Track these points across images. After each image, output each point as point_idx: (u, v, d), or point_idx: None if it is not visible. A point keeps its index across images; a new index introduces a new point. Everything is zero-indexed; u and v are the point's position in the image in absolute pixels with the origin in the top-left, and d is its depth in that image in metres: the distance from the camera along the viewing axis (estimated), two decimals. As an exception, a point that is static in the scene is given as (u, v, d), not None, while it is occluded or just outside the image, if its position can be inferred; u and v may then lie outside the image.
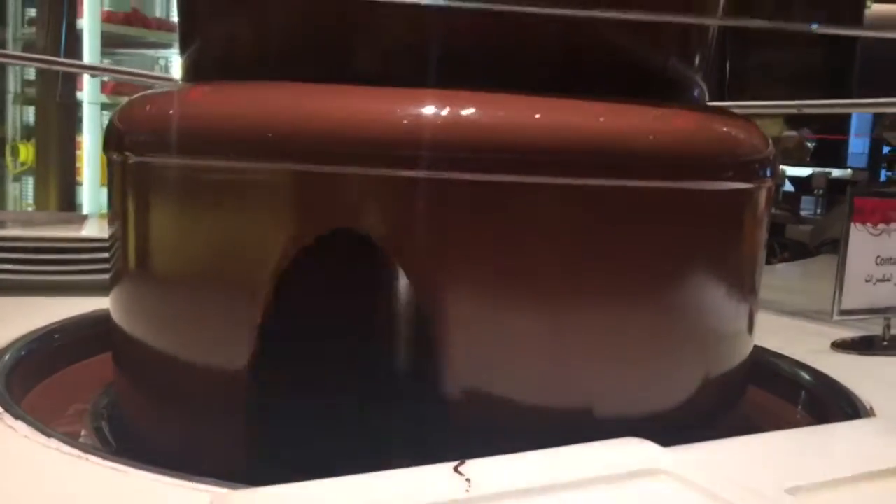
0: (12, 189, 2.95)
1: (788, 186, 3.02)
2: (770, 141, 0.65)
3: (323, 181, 0.53)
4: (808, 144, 3.06)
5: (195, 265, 0.59)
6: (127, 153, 0.61)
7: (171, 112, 0.59)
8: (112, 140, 0.63)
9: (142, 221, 0.62)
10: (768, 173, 0.62)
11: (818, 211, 2.88)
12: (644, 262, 0.56)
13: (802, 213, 2.85)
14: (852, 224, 0.83)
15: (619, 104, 0.55)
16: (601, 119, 0.54)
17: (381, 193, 0.53)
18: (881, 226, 0.86)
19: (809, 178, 2.92)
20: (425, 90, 0.53)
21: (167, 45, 2.80)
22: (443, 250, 0.53)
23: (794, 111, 1.15)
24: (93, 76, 1.71)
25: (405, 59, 0.57)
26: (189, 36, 0.69)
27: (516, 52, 0.57)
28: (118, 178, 0.64)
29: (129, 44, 2.68)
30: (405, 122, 0.52)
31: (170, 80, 1.28)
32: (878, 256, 0.86)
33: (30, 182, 2.80)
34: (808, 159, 3.12)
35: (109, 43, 2.54)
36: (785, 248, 2.41)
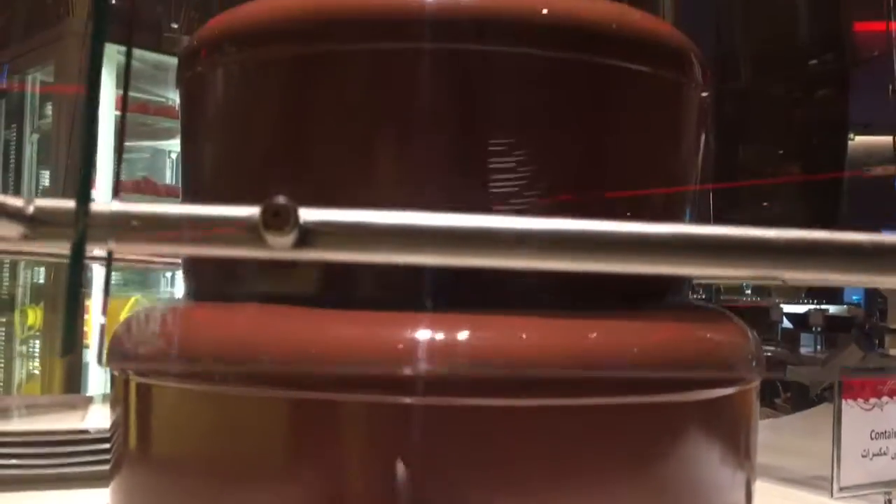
0: (20, 349, 2.96)
1: (786, 323, 3.04)
2: (753, 336, 0.67)
3: (320, 408, 0.55)
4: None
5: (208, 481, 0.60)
6: (129, 372, 0.64)
7: (173, 336, 0.62)
8: (114, 357, 0.66)
9: (143, 435, 0.64)
10: (754, 372, 0.64)
11: (818, 348, 2.89)
12: (638, 468, 0.57)
13: (802, 350, 2.85)
14: (844, 401, 0.84)
15: (606, 319, 0.57)
16: (591, 336, 0.56)
17: (377, 419, 0.55)
18: (872, 400, 0.87)
19: (806, 315, 2.95)
20: (416, 313, 0.56)
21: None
22: (438, 477, 0.54)
23: (779, 282, 1.18)
24: (101, 265, 1.77)
25: (396, 282, 0.61)
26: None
27: (500, 274, 0.60)
28: (120, 390, 0.66)
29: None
30: (399, 346, 0.54)
31: (175, 265, 1.32)
32: (873, 430, 0.87)
33: (37, 344, 2.82)
34: (804, 295, 3.15)
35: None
36: (787, 388, 2.40)
